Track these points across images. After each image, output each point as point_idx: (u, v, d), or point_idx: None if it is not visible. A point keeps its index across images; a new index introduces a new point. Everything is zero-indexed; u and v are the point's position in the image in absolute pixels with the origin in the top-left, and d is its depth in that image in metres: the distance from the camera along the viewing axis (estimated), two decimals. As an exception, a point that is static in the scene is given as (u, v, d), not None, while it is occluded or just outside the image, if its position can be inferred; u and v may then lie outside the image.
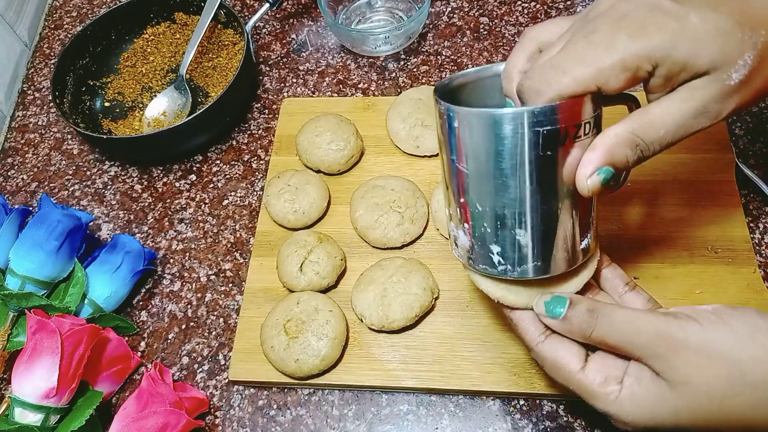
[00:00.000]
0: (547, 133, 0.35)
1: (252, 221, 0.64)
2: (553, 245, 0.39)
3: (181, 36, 0.77)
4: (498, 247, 0.39)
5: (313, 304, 0.54)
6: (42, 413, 0.48)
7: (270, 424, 0.53)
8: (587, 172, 0.35)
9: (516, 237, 0.38)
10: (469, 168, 0.38)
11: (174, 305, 0.60)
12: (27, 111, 0.77)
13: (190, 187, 0.68)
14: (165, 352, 0.58)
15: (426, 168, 0.64)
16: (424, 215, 0.59)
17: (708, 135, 0.62)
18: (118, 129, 0.72)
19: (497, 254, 0.39)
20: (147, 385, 0.49)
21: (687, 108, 0.35)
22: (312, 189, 0.61)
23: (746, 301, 0.53)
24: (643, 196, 0.59)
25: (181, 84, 0.71)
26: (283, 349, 0.52)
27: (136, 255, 0.59)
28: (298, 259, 0.56)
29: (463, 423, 0.52)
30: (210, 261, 0.62)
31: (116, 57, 0.76)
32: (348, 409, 0.53)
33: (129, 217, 0.67)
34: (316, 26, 0.80)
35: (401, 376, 0.52)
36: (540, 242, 0.38)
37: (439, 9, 0.79)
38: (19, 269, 0.55)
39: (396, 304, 0.52)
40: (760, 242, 0.58)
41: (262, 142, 0.70)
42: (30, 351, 0.49)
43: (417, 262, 0.56)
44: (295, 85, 0.74)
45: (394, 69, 0.74)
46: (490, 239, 0.39)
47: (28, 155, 0.73)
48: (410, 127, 0.64)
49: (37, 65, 0.82)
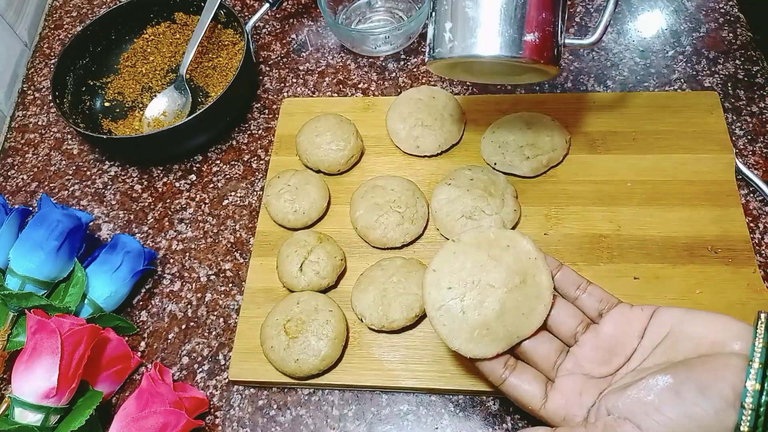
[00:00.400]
0: None
1: (252, 221, 0.64)
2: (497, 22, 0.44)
3: (181, 36, 0.77)
4: (450, 23, 0.46)
5: (313, 304, 0.54)
6: (42, 413, 0.48)
7: (270, 424, 0.53)
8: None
9: (466, 9, 0.45)
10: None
11: (174, 305, 0.60)
12: (27, 111, 0.77)
13: (190, 187, 0.68)
14: (165, 352, 0.58)
15: (426, 168, 0.64)
16: (424, 215, 0.59)
17: (708, 135, 0.62)
18: (118, 129, 0.72)
19: (449, 31, 0.46)
20: (147, 385, 0.49)
21: None
22: (312, 189, 0.61)
23: (746, 301, 0.53)
24: (643, 196, 0.59)
25: (181, 84, 0.71)
26: (283, 349, 0.52)
27: (136, 255, 0.59)
28: (298, 259, 0.56)
29: (463, 423, 0.52)
30: (210, 261, 0.62)
31: (116, 57, 0.76)
32: (348, 409, 0.53)
33: (129, 217, 0.67)
34: (316, 26, 0.80)
35: (401, 376, 0.52)
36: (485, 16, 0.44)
37: (439, 9, 0.79)
38: (19, 269, 0.55)
39: (396, 304, 0.52)
40: (760, 242, 0.58)
41: (262, 142, 0.70)
42: (30, 351, 0.49)
43: (417, 262, 0.56)
44: (295, 85, 0.74)
45: (394, 69, 0.74)
46: (445, 16, 0.46)
47: (28, 155, 0.73)
48: (410, 127, 0.64)
49: (37, 65, 0.82)
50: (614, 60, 0.71)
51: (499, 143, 0.62)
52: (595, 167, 0.62)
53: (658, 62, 0.70)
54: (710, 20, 0.73)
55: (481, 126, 0.66)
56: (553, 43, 0.47)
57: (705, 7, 0.74)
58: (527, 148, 0.61)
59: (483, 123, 0.65)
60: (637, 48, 0.72)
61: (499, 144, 0.62)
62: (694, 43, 0.71)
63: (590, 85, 0.70)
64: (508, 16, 0.44)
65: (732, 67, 0.69)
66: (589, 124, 0.64)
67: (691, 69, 0.69)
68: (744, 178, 0.60)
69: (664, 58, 0.71)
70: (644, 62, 0.70)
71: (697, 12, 0.74)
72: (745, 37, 0.71)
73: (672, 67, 0.70)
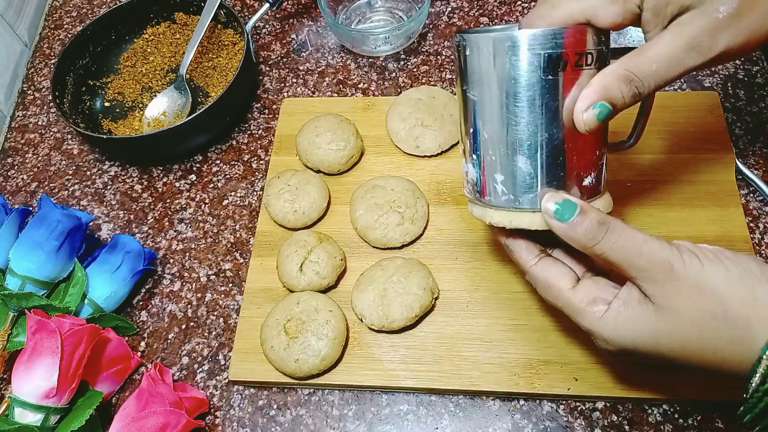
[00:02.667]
0: (547, 56, 0.37)
1: (252, 221, 0.64)
2: (555, 176, 0.40)
3: (181, 36, 0.77)
4: (501, 175, 0.41)
5: (313, 304, 0.54)
6: (42, 413, 0.48)
7: (270, 424, 0.53)
8: (583, 106, 0.37)
9: (518, 164, 0.40)
10: (477, 94, 0.40)
11: (174, 305, 0.60)
12: (27, 111, 0.77)
13: (190, 187, 0.68)
14: (165, 352, 0.58)
15: (426, 168, 0.64)
16: (424, 215, 0.59)
17: (708, 135, 0.62)
18: (118, 129, 0.72)
19: (500, 183, 0.41)
20: (147, 385, 0.49)
21: (677, 42, 0.36)
22: (312, 189, 0.61)
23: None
24: (643, 196, 0.59)
25: (181, 84, 0.71)
26: (283, 349, 0.52)
27: (136, 255, 0.59)
28: (298, 259, 0.56)
29: (463, 423, 0.52)
30: (210, 261, 0.62)
31: (116, 57, 0.76)
32: (348, 409, 0.53)
33: (129, 217, 0.67)
34: (316, 26, 0.80)
35: (401, 376, 0.52)
36: (541, 171, 0.40)
37: (439, 9, 0.79)
38: (19, 269, 0.55)
39: (396, 304, 0.52)
40: (760, 242, 0.58)
41: (262, 142, 0.70)
42: (30, 351, 0.49)
43: (417, 262, 0.56)
44: (295, 85, 0.74)
45: (394, 69, 0.74)
46: (495, 167, 0.41)
47: (28, 155, 0.73)
48: (410, 127, 0.64)
49: (37, 65, 0.82)
50: (614, 60, 0.71)
51: (499, 143, 0.62)
52: (595, 167, 0.62)
53: (658, 62, 0.70)
54: (710, 20, 0.73)
55: (481, 126, 0.66)
56: (603, 173, 0.43)
57: (705, 7, 0.74)
58: (527, 148, 0.61)
59: (483, 123, 0.65)
60: (637, 48, 0.72)
61: (499, 144, 0.62)
62: (694, 43, 0.71)
63: (590, 85, 0.69)
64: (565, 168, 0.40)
65: (732, 67, 0.69)
66: (589, 124, 0.64)
67: (691, 69, 0.69)
68: (744, 178, 0.60)
69: (664, 58, 0.70)
70: (644, 62, 0.70)
71: (697, 12, 0.74)
72: (745, 37, 0.71)
73: (672, 67, 0.70)
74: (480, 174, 0.42)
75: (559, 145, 0.39)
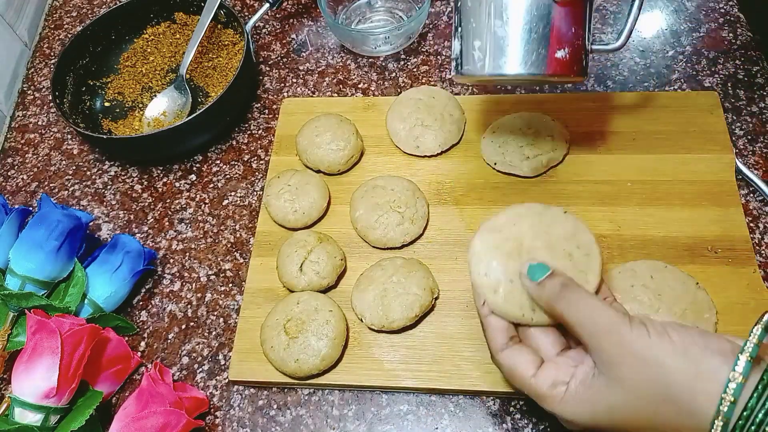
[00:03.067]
0: None
1: (252, 221, 0.64)
2: (528, 41, 0.44)
3: (181, 36, 0.77)
4: (479, 41, 0.45)
5: (313, 304, 0.54)
6: (42, 413, 0.48)
7: (270, 424, 0.53)
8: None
9: (494, 28, 0.44)
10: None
11: (174, 305, 0.60)
12: (27, 111, 0.77)
13: (190, 187, 0.68)
14: (165, 352, 0.58)
15: (426, 168, 0.64)
16: (424, 215, 0.59)
17: (708, 135, 0.62)
18: (118, 129, 0.72)
19: (478, 49, 0.45)
20: (147, 385, 0.49)
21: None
22: (312, 189, 0.61)
23: (746, 301, 0.53)
24: (644, 196, 0.59)
25: (181, 84, 0.71)
26: (283, 349, 0.52)
27: (136, 255, 0.59)
28: (298, 259, 0.56)
29: (463, 423, 0.52)
30: (210, 261, 0.62)
31: (116, 57, 0.76)
32: (348, 409, 0.53)
33: (129, 217, 0.67)
34: (316, 26, 0.80)
35: (401, 376, 0.52)
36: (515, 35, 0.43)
37: (439, 9, 0.79)
38: (19, 269, 0.55)
39: (396, 304, 0.52)
40: (760, 242, 0.58)
41: (262, 142, 0.70)
42: (30, 351, 0.49)
43: (417, 262, 0.56)
44: (295, 85, 0.74)
45: (394, 69, 0.74)
46: (474, 34, 0.45)
47: (28, 155, 0.73)
48: (410, 127, 0.64)
49: (37, 65, 0.82)
50: (614, 60, 0.71)
51: (499, 143, 0.62)
52: (595, 167, 0.62)
53: (658, 62, 0.70)
54: (710, 20, 0.73)
55: (481, 126, 0.66)
56: (582, 56, 0.47)
57: (705, 7, 0.74)
58: (527, 148, 0.61)
59: (483, 123, 0.66)
60: (637, 48, 0.72)
61: (499, 144, 0.62)
62: (694, 43, 0.71)
63: (590, 85, 0.70)
64: (538, 34, 0.44)
65: (732, 67, 0.69)
66: (589, 124, 0.64)
67: (691, 69, 0.69)
68: (744, 178, 0.60)
69: (664, 58, 0.71)
70: (644, 62, 0.70)
71: (697, 12, 0.74)
72: (745, 37, 0.71)
73: (672, 67, 0.70)
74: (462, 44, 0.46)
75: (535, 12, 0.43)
